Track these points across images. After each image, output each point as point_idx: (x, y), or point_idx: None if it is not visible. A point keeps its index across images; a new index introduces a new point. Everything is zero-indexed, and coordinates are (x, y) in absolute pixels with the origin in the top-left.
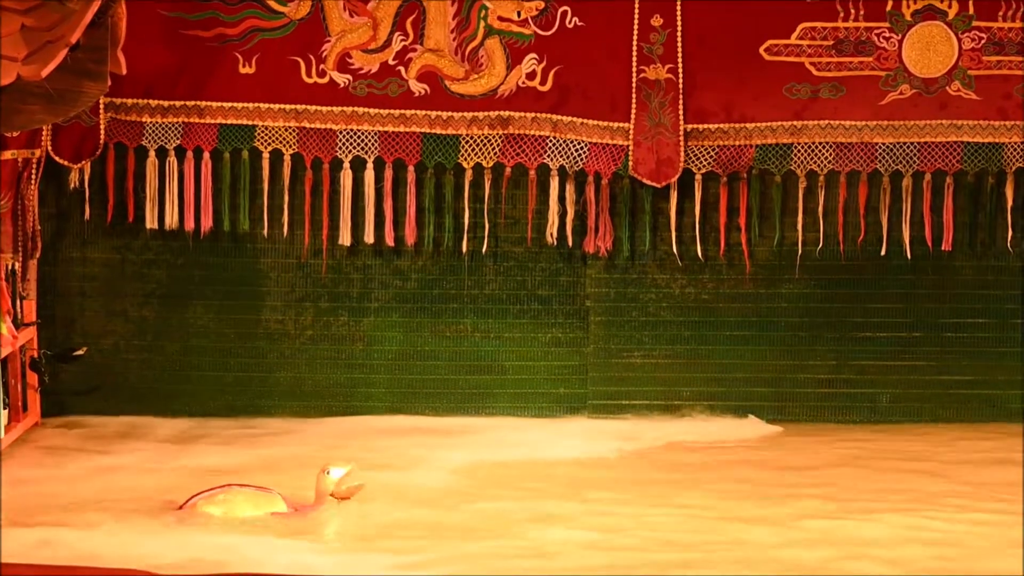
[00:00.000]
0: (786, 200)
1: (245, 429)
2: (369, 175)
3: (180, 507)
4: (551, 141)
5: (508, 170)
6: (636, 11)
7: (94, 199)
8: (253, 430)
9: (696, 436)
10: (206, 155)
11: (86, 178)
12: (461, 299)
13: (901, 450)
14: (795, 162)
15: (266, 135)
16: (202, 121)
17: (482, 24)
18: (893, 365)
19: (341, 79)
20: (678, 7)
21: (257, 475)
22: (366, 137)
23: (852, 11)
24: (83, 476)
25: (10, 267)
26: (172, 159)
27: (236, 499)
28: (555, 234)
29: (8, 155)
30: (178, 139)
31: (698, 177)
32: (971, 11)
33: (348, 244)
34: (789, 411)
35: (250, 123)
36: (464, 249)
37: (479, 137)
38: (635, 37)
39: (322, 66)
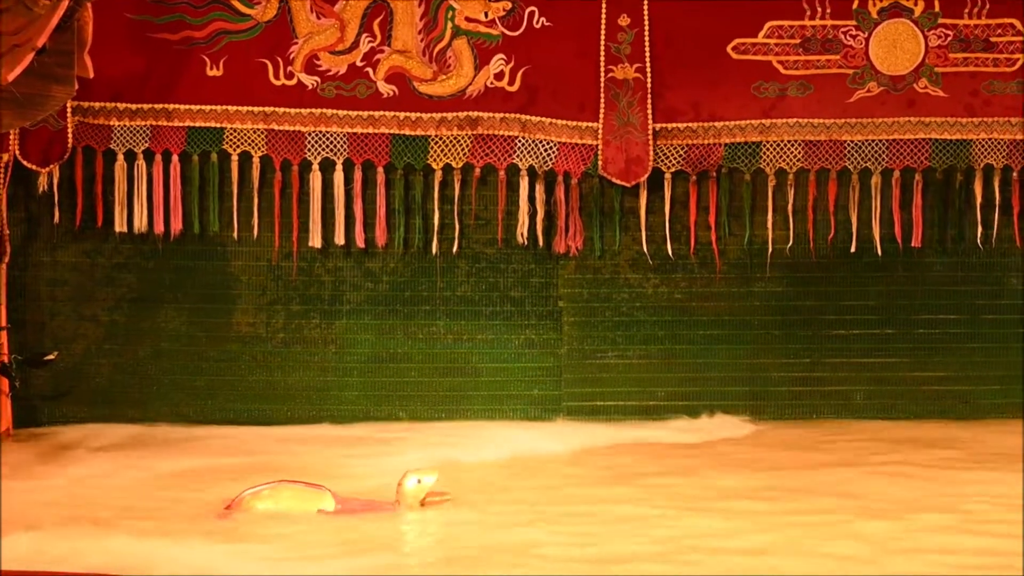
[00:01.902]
0: (756, 198)
1: (216, 434)
2: (338, 176)
3: (228, 505)
4: (520, 141)
5: (477, 170)
6: (603, 11)
7: (63, 203)
8: (225, 435)
9: (671, 435)
10: (175, 158)
11: (55, 182)
12: (433, 301)
13: (876, 448)
14: (764, 160)
15: (234, 137)
16: (170, 124)
17: (449, 25)
18: (866, 362)
19: (309, 81)
20: (645, 7)
21: (234, 478)
22: (335, 139)
23: (819, 9)
24: (56, 485)
25: None
26: (141, 162)
27: (282, 495)
28: (526, 234)
29: None
30: (146, 142)
31: (668, 176)
32: (937, 8)
33: (318, 246)
34: (763, 409)
35: (218, 125)
36: (434, 250)
37: (448, 138)
38: (603, 37)
39: (290, 68)
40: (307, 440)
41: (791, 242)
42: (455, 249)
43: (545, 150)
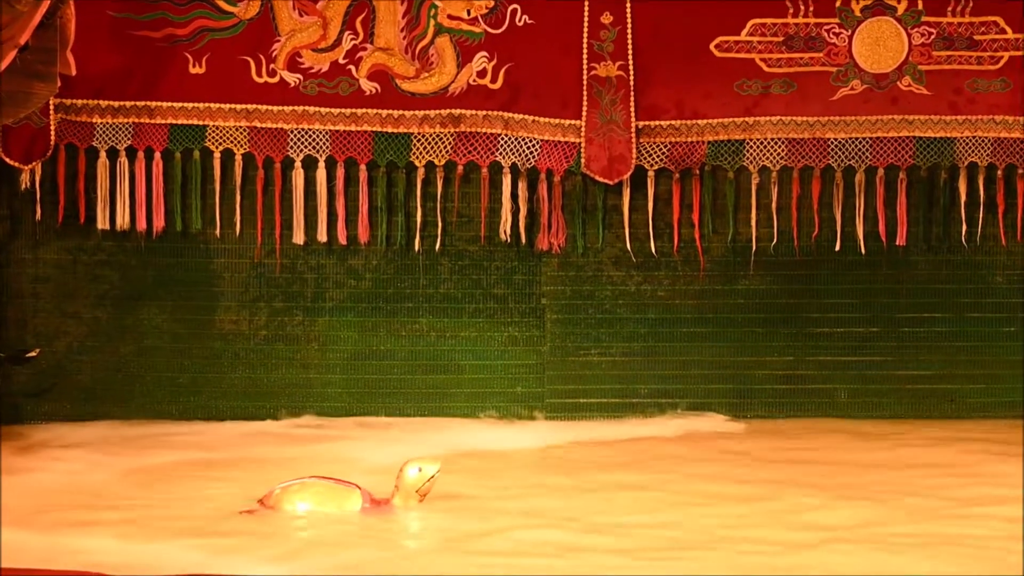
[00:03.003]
0: (739, 196)
1: (197, 431)
2: (321, 174)
3: (261, 500)
4: (503, 139)
5: (460, 168)
6: (586, 9)
7: (45, 200)
8: (207, 431)
9: (654, 433)
10: (157, 155)
11: (37, 179)
12: (416, 298)
13: (862, 445)
14: (747, 158)
15: (217, 135)
16: (152, 121)
17: (432, 23)
18: (850, 360)
19: (291, 78)
20: (628, 5)
21: (214, 475)
22: (317, 136)
23: (801, 7)
24: (36, 481)
25: None
26: (123, 160)
27: (309, 492)
28: (508, 232)
29: None
30: (129, 139)
31: (651, 174)
32: (920, 6)
33: (301, 243)
34: (747, 407)
35: (201, 123)
36: (417, 247)
37: (430, 135)
38: (585, 34)
39: (272, 66)
40: (289, 437)
41: (775, 240)
42: (438, 247)
43: (528, 148)
